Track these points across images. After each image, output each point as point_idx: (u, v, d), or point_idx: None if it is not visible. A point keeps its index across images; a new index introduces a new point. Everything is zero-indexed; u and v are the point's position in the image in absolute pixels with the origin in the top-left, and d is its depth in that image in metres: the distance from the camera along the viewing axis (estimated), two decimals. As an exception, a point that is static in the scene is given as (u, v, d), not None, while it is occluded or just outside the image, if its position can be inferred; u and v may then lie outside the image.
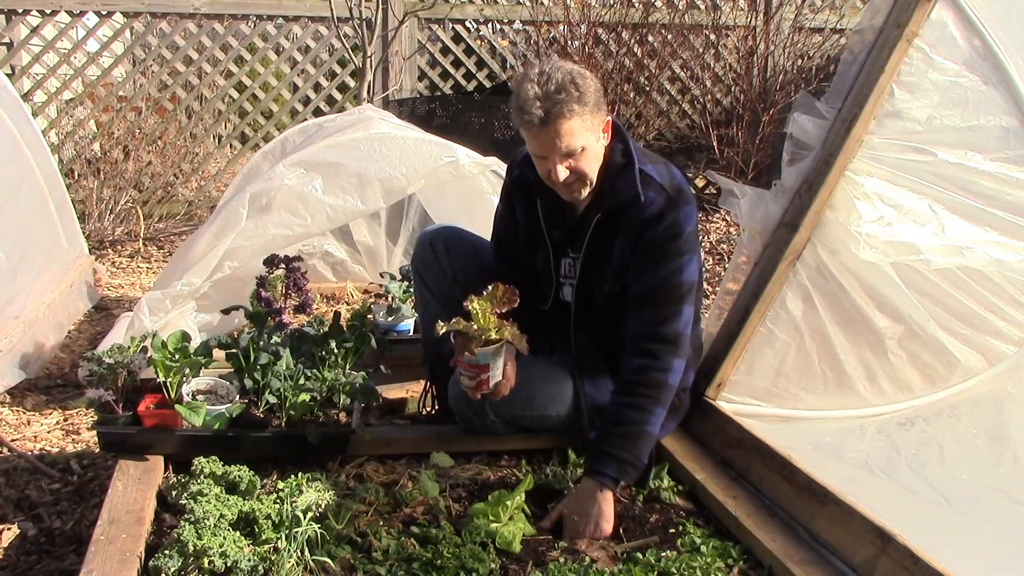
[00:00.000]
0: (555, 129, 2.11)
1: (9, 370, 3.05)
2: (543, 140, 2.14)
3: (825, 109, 2.40)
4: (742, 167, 5.87)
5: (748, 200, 2.48)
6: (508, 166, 2.54)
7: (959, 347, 2.63)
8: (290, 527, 1.88)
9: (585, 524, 2.07)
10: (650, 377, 2.21)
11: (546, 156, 2.17)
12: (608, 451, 2.16)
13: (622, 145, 2.30)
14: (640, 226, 2.25)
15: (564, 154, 2.15)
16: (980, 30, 2.35)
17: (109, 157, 5.83)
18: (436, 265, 2.58)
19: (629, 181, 2.25)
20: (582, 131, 2.14)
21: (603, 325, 2.41)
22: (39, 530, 2.21)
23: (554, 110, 2.09)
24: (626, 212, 2.26)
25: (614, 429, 2.20)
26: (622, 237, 2.28)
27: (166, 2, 5.87)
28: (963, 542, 2.05)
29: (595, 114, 2.16)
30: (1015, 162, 2.45)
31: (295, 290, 2.57)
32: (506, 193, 2.54)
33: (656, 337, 2.23)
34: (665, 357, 2.22)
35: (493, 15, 6.51)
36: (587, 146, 2.17)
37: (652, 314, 2.24)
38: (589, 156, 2.19)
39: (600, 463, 2.15)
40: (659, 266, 2.25)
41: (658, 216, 2.23)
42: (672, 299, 2.24)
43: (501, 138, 4.84)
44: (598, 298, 2.38)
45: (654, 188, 2.26)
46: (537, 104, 2.09)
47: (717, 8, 6.45)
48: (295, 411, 2.35)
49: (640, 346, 2.24)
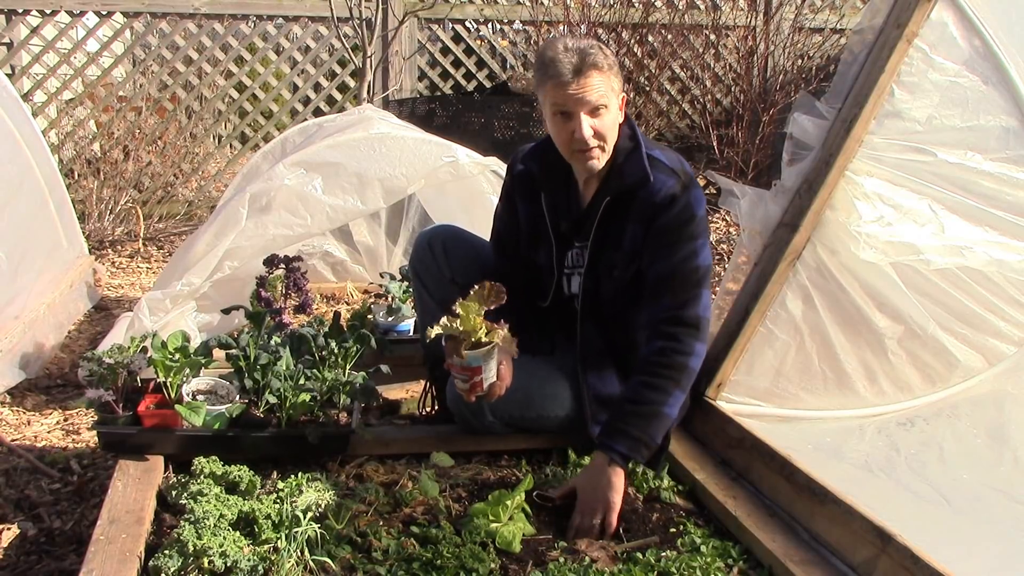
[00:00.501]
0: (587, 80, 2.14)
1: (9, 370, 3.05)
2: (573, 92, 2.16)
3: (825, 109, 2.40)
4: (742, 167, 5.87)
5: (748, 200, 2.48)
6: (509, 164, 2.54)
7: (959, 347, 2.63)
8: (290, 527, 1.88)
9: (594, 497, 2.07)
10: (672, 359, 2.21)
11: (573, 112, 2.18)
12: (621, 428, 2.16)
13: (629, 129, 2.32)
14: (652, 209, 2.25)
15: (592, 108, 2.17)
16: (980, 30, 2.35)
17: (109, 157, 5.83)
18: (434, 266, 2.58)
19: (638, 163, 2.26)
20: (608, 90, 2.18)
21: (611, 316, 2.40)
22: (39, 530, 2.21)
23: (588, 60, 2.14)
24: (636, 195, 2.27)
25: (630, 407, 2.20)
26: (633, 221, 2.28)
27: (166, 2, 5.87)
28: (963, 542, 2.05)
29: (618, 79, 2.22)
30: (1015, 162, 2.45)
31: (295, 290, 2.58)
32: (507, 191, 2.54)
33: (678, 320, 2.23)
34: (687, 340, 2.22)
35: (493, 15, 6.51)
36: (610, 107, 2.20)
37: (671, 299, 2.24)
38: (611, 120, 2.22)
39: (611, 438, 2.15)
40: (674, 250, 2.25)
41: (671, 199, 2.24)
42: (689, 283, 2.25)
43: (501, 138, 4.84)
44: (607, 287, 2.37)
45: (664, 171, 2.27)
46: (570, 55, 2.15)
47: (717, 8, 6.45)
48: (295, 411, 2.35)
49: (662, 330, 2.23)
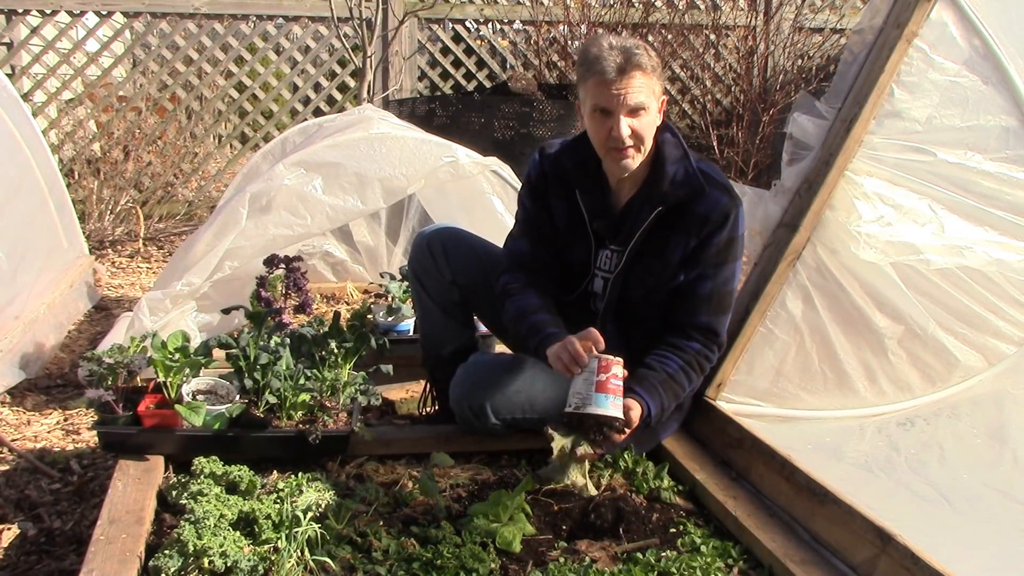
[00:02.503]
0: (630, 79, 2.14)
1: (9, 370, 3.05)
2: (615, 90, 2.15)
3: (825, 109, 2.41)
4: (742, 167, 5.88)
5: (748, 200, 2.48)
6: (536, 160, 2.45)
7: (959, 347, 2.63)
8: (290, 527, 1.88)
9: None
10: (703, 364, 2.31)
11: (611, 111, 2.17)
12: (660, 391, 2.20)
13: (673, 136, 2.30)
14: (705, 225, 2.24)
15: (632, 108, 2.16)
16: (980, 30, 2.35)
17: (109, 157, 5.83)
18: (433, 267, 2.55)
19: (692, 175, 2.25)
20: (649, 92, 2.17)
21: (633, 322, 2.38)
22: (39, 530, 2.21)
23: (632, 60, 2.13)
24: (688, 207, 2.25)
25: (668, 380, 2.23)
26: (681, 233, 2.27)
27: (166, 2, 5.87)
28: (963, 542, 2.05)
29: (659, 82, 2.21)
30: (1015, 162, 2.46)
31: (295, 290, 2.58)
32: (534, 188, 2.44)
33: (711, 333, 2.30)
34: (713, 355, 2.31)
35: (493, 15, 6.51)
36: (650, 109, 2.19)
37: (706, 316, 2.29)
38: (649, 122, 2.21)
39: (649, 394, 2.18)
40: (719, 270, 2.28)
41: (725, 217, 2.24)
42: (724, 305, 2.31)
43: (501, 138, 4.83)
44: (637, 293, 2.35)
45: (717, 186, 2.26)
46: (615, 53, 2.14)
47: (717, 8, 6.46)
48: (295, 411, 2.35)
49: (696, 336, 2.29)
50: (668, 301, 2.33)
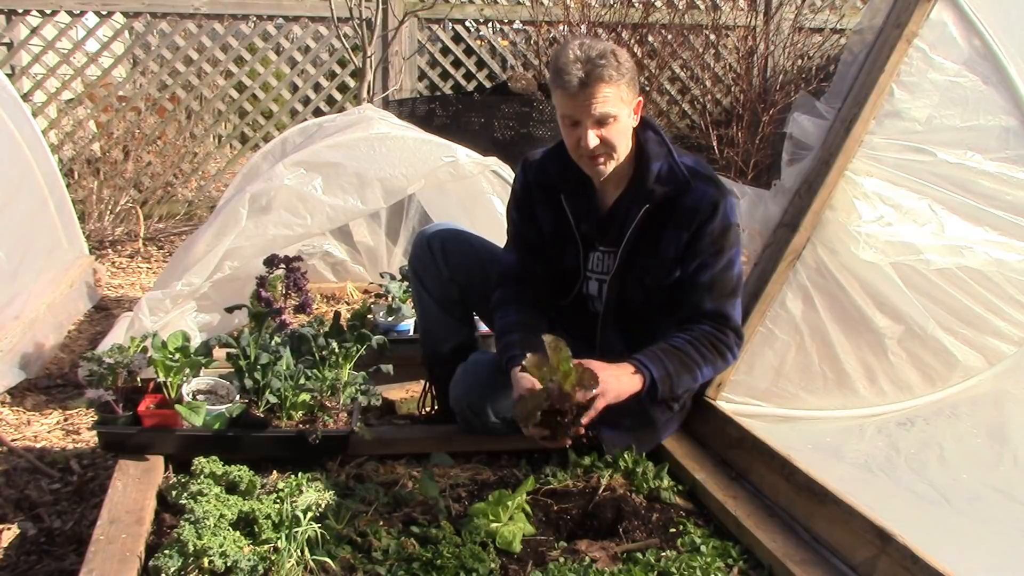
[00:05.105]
0: (592, 92, 2.12)
1: (9, 370, 3.05)
2: (579, 103, 2.14)
3: (825, 109, 2.41)
4: (742, 167, 5.88)
5: (748, 200, 2.49)
6: (520, 170, 2.48)
7: (959, 347, 2.63)
8: (290, 527, 1.88)
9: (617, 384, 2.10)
10: (717, 345, 2.26)
11: (579, 121, 2.17)
12: (661, 359, 2.18)
13: (655, 134, 2.30)
14: (695, 217, 2.24)
15: (597, 120, 2.15)
16: (980, 30, 2.36)
17: (109, 157, 5.83)
18: (433, 266, 2.56)
19: (676, 170, 2.26)
20: (617, 100, 2.15)
21: (633, 322, 2.38)
22: (39, 530, 2.21)
23: (594, 73, 2.11)
24: (676, 202, 2.26)
25: (673, 351, 2.21)
26: (672, 228, 2.27)
27: (166, 2, 5.87)
28: (963, 542, 2.05)
29: (630, 88, 2.18)
30: (1015, 162, 2.46)
31: (295, 290, 2.57)
32: (519, 200, 2.47)
33: (720, 317, 2.27)
34: (729, 338, 2.27)
35: (493, 15, 6.51)
36: (619, 117, 2.18)
37: (711, 304, 2.27)
38: (620, 129, 2.20)
39: (649, 360, 2.17)
40: (716, 260, 2.26)
41: (714, 207, 2.24)
42: (727, 290, 2.28)
43: (501, 138, 4.83)
44: (636, 293, 2.34)
45: (702, 179, 2.26)
46: (578, 66, 2.12)
47: (717, 8, 6.46)
48: (295, 411, 2.35)
49: (704, 320, 2.27)
50: (671, 299, 2.32)
